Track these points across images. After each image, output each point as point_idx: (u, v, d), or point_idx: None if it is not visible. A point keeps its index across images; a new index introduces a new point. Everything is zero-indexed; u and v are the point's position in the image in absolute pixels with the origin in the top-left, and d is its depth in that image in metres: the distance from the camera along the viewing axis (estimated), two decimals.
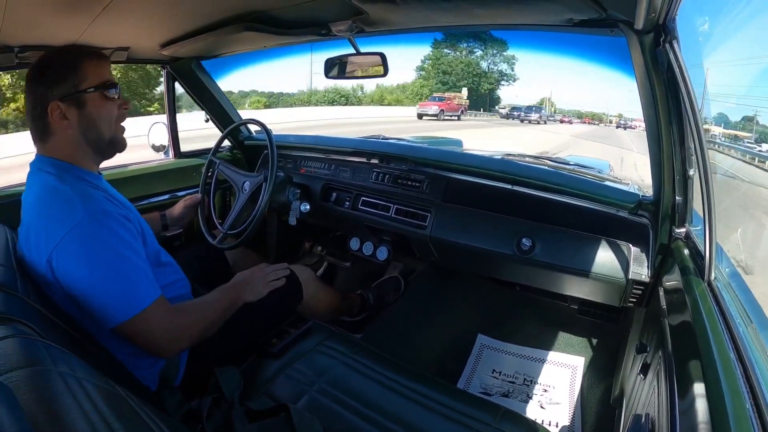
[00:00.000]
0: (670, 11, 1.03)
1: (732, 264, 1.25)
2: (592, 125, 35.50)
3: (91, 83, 1.26)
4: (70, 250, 1.13)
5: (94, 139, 1.30)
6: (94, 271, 1.14)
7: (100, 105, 1.28)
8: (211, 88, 2.41)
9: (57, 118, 1.23)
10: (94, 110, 1.28)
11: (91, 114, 1.27)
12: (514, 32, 1.54)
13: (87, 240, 1.14)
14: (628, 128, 31.65)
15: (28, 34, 1.48)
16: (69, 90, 1.23)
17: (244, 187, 2.02)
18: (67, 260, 1.13)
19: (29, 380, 0.61)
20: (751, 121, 3.97)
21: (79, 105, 1.25)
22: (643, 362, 1.27)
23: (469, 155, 2.31)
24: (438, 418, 1.24)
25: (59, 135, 1.25)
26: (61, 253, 1.12)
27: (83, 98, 1.25)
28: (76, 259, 1.13)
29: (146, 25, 1.62)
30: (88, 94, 1.26)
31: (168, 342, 1.26)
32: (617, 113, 38.65)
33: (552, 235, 1.70)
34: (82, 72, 1.25)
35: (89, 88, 1.26)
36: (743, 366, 0.79)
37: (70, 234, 1.13)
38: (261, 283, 1.58)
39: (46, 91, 1.22)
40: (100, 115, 1.29)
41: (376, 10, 1.39)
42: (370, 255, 2.26)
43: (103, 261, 1.16)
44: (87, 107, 1.26)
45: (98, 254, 1.15)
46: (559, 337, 2.23)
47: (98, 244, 1.16)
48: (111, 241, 1.18)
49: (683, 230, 1.39)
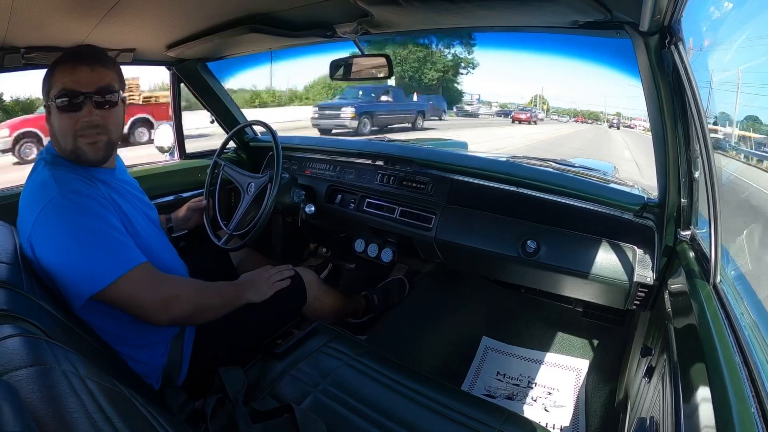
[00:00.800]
0: (676, 13, 1.03)
1: (737, 267, 1.25)
2: (585, 124, 35.21)
3: (53, 93, 1.25)
4: (45, 227, 1.15)
5: (59, 150, 1.30)
6: (70, 243, 1.16)
7: (57, 116, 1.27)
8: (217, 90, 2.42)
9: (47, 123, 1.27)
10: (54, 121, 1.28)
11: (52, 124, 1.28)
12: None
13: (60, 215, 1.16)
14: (627, 128, 31.40)
15: (35, 35, 1.49)
16: (45, 98, 1.26)
17: (249, 189, 2.02)
18: (43, 236, 1.15)
19: (33, 379, 0.61)
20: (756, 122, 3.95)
21: (49, 114, 1.27)
22: (648, 365, 1.26)
23: (474, 157, 2.30)
24: (442, 420, 1.24)
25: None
26: (36, 231, 1.15)
27: (49, 107, 1.26)
28: (50, 234, 1.15)
29: (152, 26, 1.62)
30: (52, 102, 1.25)
31: (158, 306, 1.25)
32: (615, 112, 38.22)
33: (557, 237, 1.69)
34: (53, 79, 1.26)
35: (50, 100, 1.25)
36: (748, 369, 0.78)
37: (44, 211, 1.15)
38: (265, 284, 1.58)
39: (43, 95, 1.27)
40: (57, 127, 1.28)
41: (380, 11, 1.39)
42: (375, 257, 2.26)
43: (78, 234, 1.17)
44: (51, 117, 1.27)
45: (72, 228, 1.17)
46: (564, 339, 2.22)
47: (71, 219, 1.17)
48: (85, 216, 1.19)
49: (688, 233, 1.39)
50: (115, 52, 1.79)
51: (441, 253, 1.99)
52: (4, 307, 0.85)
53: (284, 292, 1.63)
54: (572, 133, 22.42)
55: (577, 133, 22.54)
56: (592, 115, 40.09)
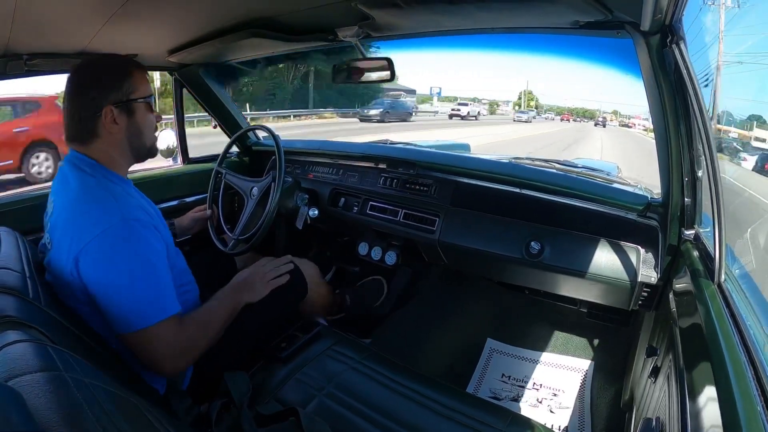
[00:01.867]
0: (677, 12, 1.03)
1: (742, 266, 1.24)
2: (571, 122, 34.94)
3: (141, 94, 1.35)
4: (100, 251, 1.15)
5: (137, 146, 1.38)
6: (122, 276, 1.17)
7: (145, 115, 1.37)
8: (219, 95, 2.42)
9: (108, 122, 1.29)
10: (140, 119, 1.36)
11: (138, 122, 1.36)
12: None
13: (119, 244, 1.17)
14: (625, 126, 31.21)
15: (37, 41, 1.50)
16: (122, 97, 1.30)
17: (252, 193, 2.03)
18: (95, 261, 1.15)
19: (40, 384, 0.61)
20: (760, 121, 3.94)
21: (129, 112, 1.33)
22: (654, 365, 1.26)
23: (477, 159, 2.30)
24: (447, 422, 1.24)
25: (105, 138, 1.30)
26: (89, 253, 1.15)
27: (133, 106, 1.34)
28: (105, 261, 1.16)
29: (154, 32, 1.63)
30: (138, 103, 1.34)
31: (171, 359, 1.27)
32: (612, 110, 37.96)
33: (561, 238, 1.69)
34: (133, 82, 1.34)
35: (139, 98, 1.34)
36: (754, 369, 0.78)
37: (103, 235, 1.16)
38: (260, 282, 1.59)
39: (101, 94, 1.28)
40: (145, 124, 1.38)
41: (382, 15, 1.40)
42: (379, 260, 2.26)
43: (132, 267, 1.18)
44: (136, 115, 1.35)
45: (128, 259, 1.18)
46: (569, 340, 2.21)
47: (130, 250, 1.19)
48: (142, 249, 1.21)
49: (692, 232, 1.38)
50: None
51: (445, 255, 1.98)
52: (11, 313, 0.85)
53: (283, 287, 1.63)
54: (545, 134, 22.22)
55: (553, 133, 22.27)
56: (588, 113, 39.84)
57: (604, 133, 25.59)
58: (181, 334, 1.28)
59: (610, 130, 31.33)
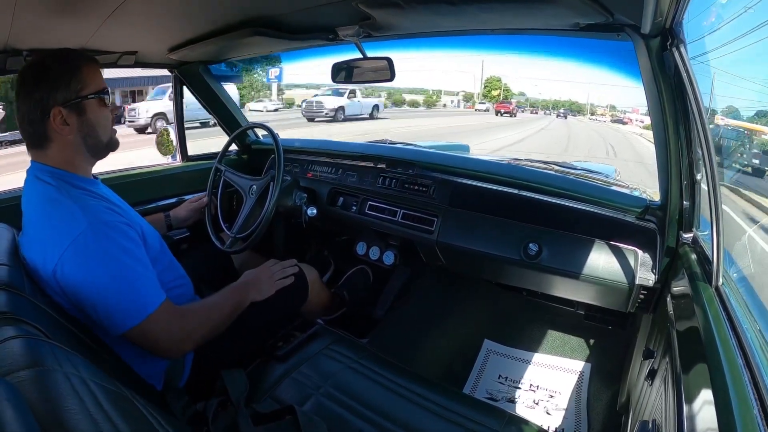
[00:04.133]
0: (677, 15, 1.03)
1: (740, 269, 1.25)
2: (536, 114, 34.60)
3: (91, 90, 1.27)
4: (73, 262, 1.14)
5: (93, 144, 1.32)
6: (98, 281, 1.15)
7: (98, 111, 1.30)
8: (219, 92, 2.43)
9: (59, 124, 1.22)
10: (93, 116, 1.29)
11: (91, 120, 1.28)
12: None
13: (89, 251, 1.15)
14: (618, 122, 31.13)
15: (37, 38, 1.49)
16: (70, 96, 1.23)
17: (251, 191, 2.03)
18: (71, 271, 1.14)
19: (35, 380, 0.61)
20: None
21: (79, 111, 1.26)
22: (651, 368, 1.26)
23: (476, 160, 2.30)
24: (444, 423, 1.24)
25: (58, 141, 1.25)
26: (65, 265, 1.13)
27: (83, 104, 1.26)
28: (80, 270, 1.14)
29: (154, 29, 1.63)
30: (89, 100, 1.27)
31: (173, 344, 1.28)
32: (608, 104, 37.73)
33: (559, 239, 1.69)
34: (82, 78, 1.25)
35: (90, 95, 1.27)
36: (751, 372, 0.78)
37: (73, 245, 1.14)
38: (267, 282, 1.59)
39: (47, 95, 1.21)
40: (98, 120, 1.31)
41: (382, 14, 1.40)
42: (377, 260, 2.26)
43: (106, 271, 1.17)
44: (87, 113, 1.27)
45: (101, 264, 1.16)
46: (566, 342, 2.22)
47: (100, 255, 1.17)
48: (113, 251, 1.19)
49: (690, 235, 1.39)
50: (117, 55, 1.80)
51: (443, 256, 1.98)
52: (6, 309, 0.85)
53: (287, 290, 1.64)
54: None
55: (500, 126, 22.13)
56: (574, 107, 39.70)
57: (557, 123, 25.79)
58: (179, 320, 1.29)
59: (570, 120, 31.50)
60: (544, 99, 42.97)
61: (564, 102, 41.45)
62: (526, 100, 41.77)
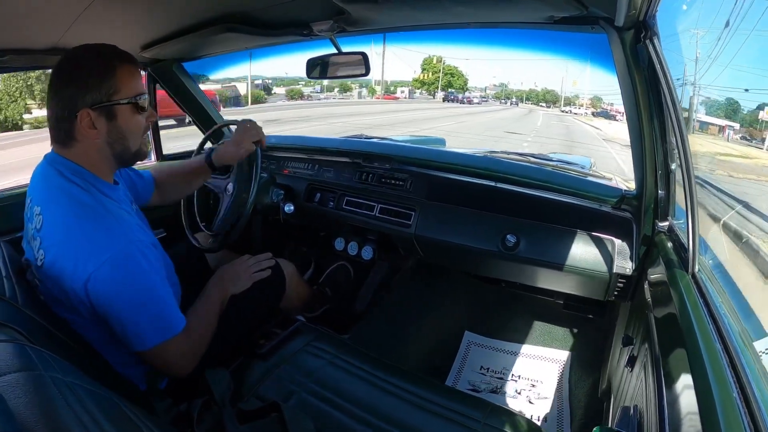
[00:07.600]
0: (651, 8, 1.05)
1: (715, 255, 1.27)
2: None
3: (125, 94, 1.18)
4: (109, 277, 1.11)
5: (120, 152, 1.24)
6: (133, 300, 1.14)
7: (130, 117, 1.21)
8: (192, 90, 2.38)
9: (85, 127, 1.14)
10: (123, 123, 1.20)
11: (121, 126, 1.20)
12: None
13: (128, 269, 1.13)
14: (603, 115, 31.78)
15: (7, 37, 1.45)
16: (101, 98, 1.15)
17: (227, 189, 2.01)
18: (104, 287, 1.11)
19: (19, 384, 0.60)
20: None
21: (109, 116, 1.17)
22: (630, 355, 1.28)
23: (452, 153, 2.31)
24: (427, 415, 1.24)
25: (84, 142, 1.18)
26: (99, 279, 1.10)
27: (114, 109, 1.17)
28: (114, 286, 1.12)
29: (127, 27, 1.60)
30: (121, 105, 1.18)
31: (184, 364, 1.29)
32: (593, 96, 38.29)
33: (536, 231, 1.71)
34: (117, 80, 1.16)
35: (123, 100, 1.18)
36: (729, 356, 0.80)
37: (111, 261, 1.10)
38: (243, 274, 1.59)
39: (77, 95, 1.13)
40: (129, 128, 1.22)
41: (357, 9, 1.39)
42: (356, 255, 2.25)
43: (141, 290, 1.16)
44: (117, 119, 1.19)
45: (135, 283, 1.15)
46: (546, 332, 2.24)
47: (137, 273, 1.15)
48: (147, 271, 1.17)
49: (666, 224, 1.41)
50: None
51: (421, 249, 1.99)
52: None
53: (264, 282, 1.63)
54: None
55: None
56: (551, 95, 40.44)
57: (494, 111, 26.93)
58: (191, 341, 1.29)
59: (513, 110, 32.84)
60: (519, 89, 43.49)
61: (539, 93, 42.03)
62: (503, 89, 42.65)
